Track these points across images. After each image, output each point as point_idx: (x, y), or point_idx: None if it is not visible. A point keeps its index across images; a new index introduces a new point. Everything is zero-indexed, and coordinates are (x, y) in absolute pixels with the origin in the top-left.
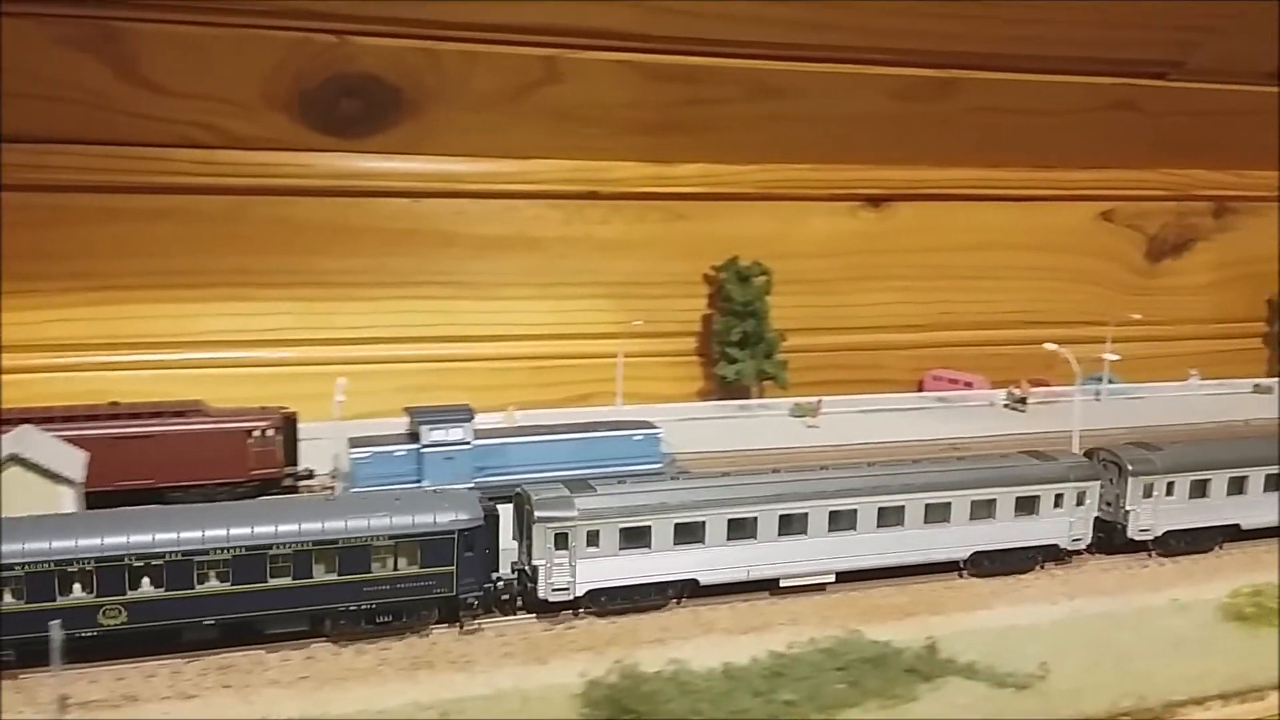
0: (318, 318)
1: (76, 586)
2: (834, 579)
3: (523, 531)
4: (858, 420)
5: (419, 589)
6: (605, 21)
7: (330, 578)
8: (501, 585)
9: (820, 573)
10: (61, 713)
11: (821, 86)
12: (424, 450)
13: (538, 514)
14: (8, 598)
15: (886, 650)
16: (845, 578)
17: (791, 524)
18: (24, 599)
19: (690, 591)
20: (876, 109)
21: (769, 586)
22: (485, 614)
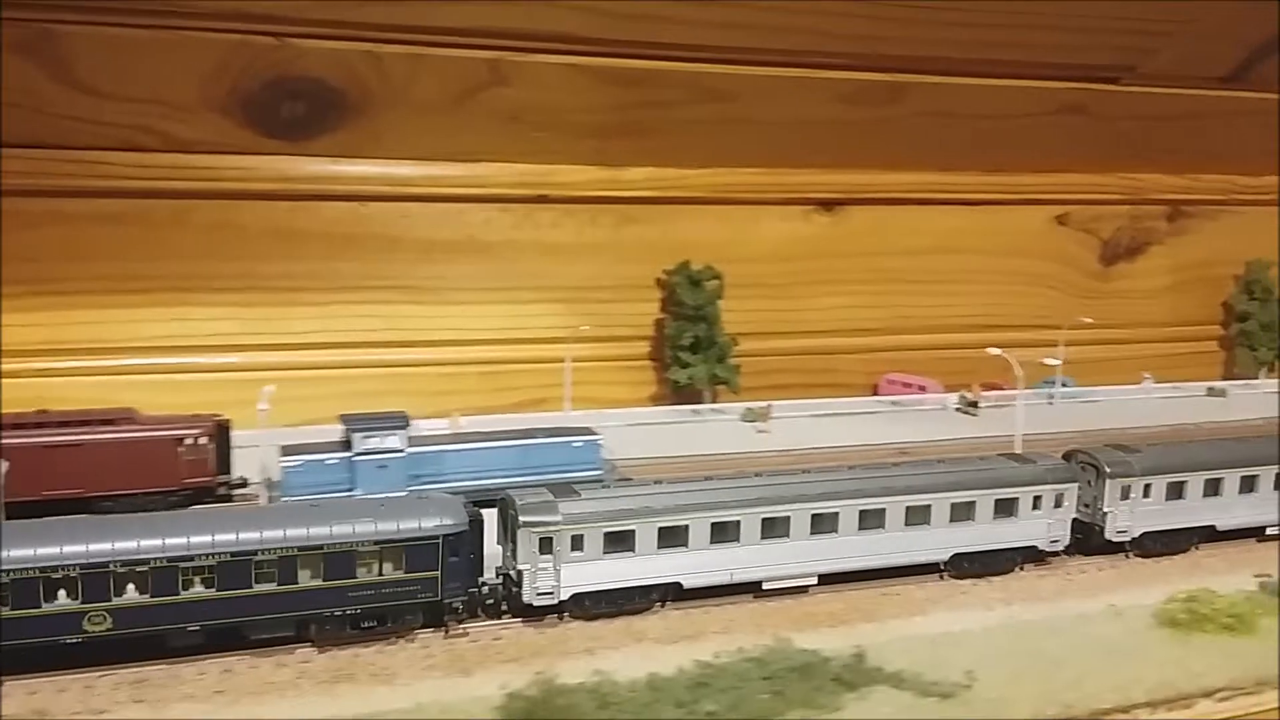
0: (262, 323)
1: (61, 593)
2: (816, 581)
3: (507, 536)
4: (809, 424)
5: (404, 594)
6: (551, 24)
7: (315, 583)
8: (486, 590)
9: (802, 575)
10: None
11: (771, 90)
12: (356, 458)
13: (522, 518)
14: None
15: (814, 659)
16: (827, 580)
17: (774, 527)
18: (8, 605)
19: (674, 595)
20: (827, 113)
21: (752, 589)
22: (470, 618)
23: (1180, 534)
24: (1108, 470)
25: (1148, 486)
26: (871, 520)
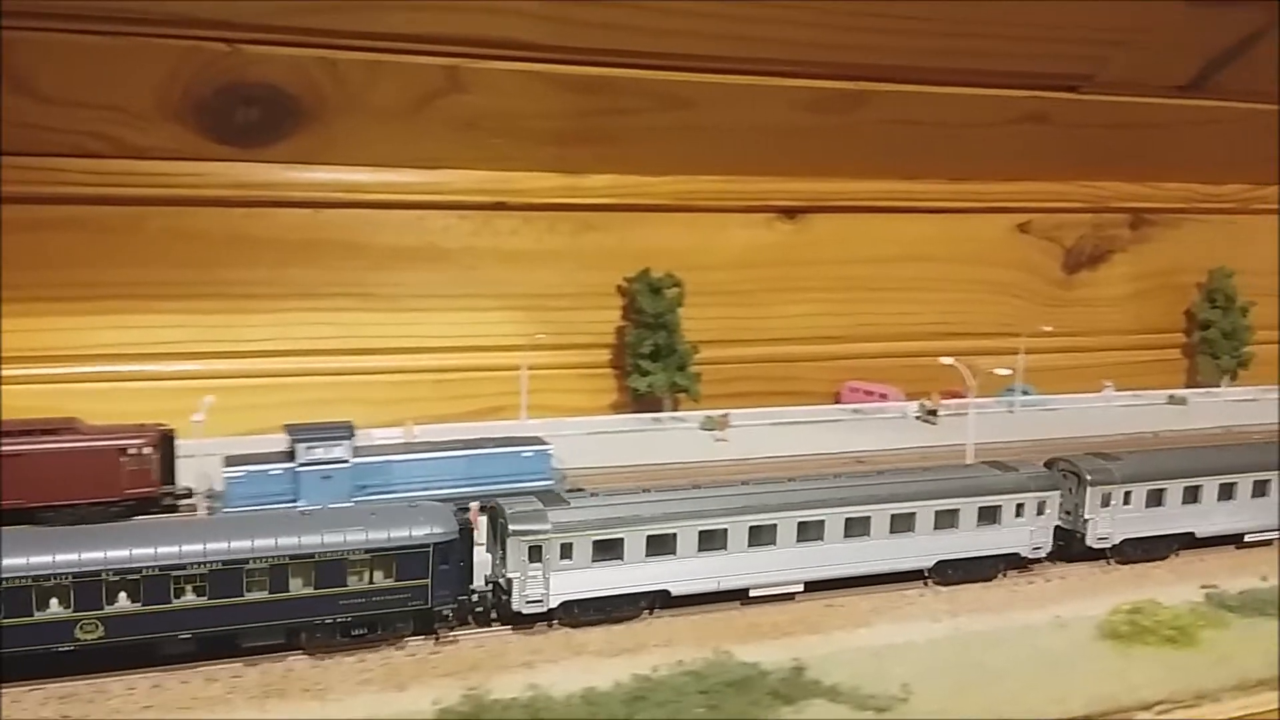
0: (216, 330)
1: (53, 601)
2: (802, 588)
3: (497, 544)
4: (768, 432)
5: (394, 602)
6: (508, 32)
7: (306, 591)
8: (476, 598)
9: (789, 582)
10: None
11: (732, 98)
12: (300, 469)
13: (512, 527)
14: None
15: (753, 672)
16: (813, 587)
17: (761, 535)
18: (1, 614)
19: (662, 602)
20: (788, 121)
21: (739, 596)
22: (460, 626)
23: (1160, 540)
24: (1089, 478)
25: (1128, 494)
26: (857, 528)
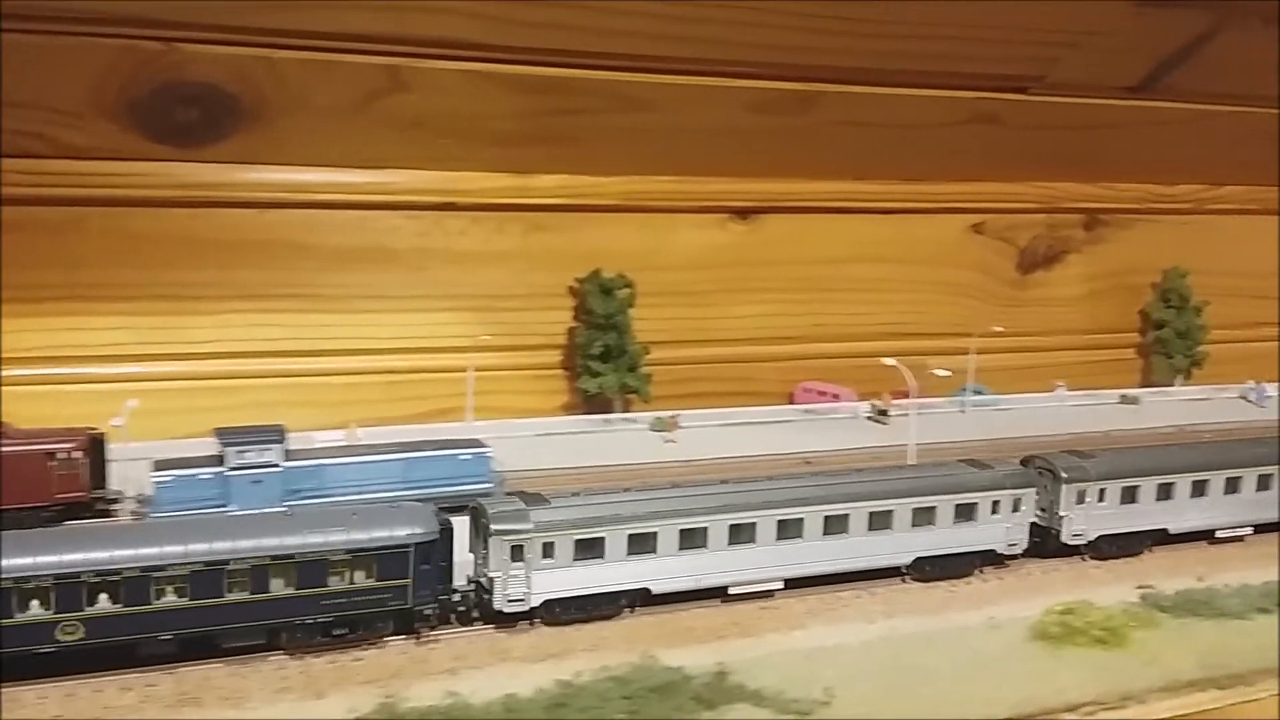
0: (159, 332)
1: (34, 603)
2: (782, 585)
3: (479, 543)
4: (719, 433)
5: (375, 602)
6: (450, 31)
7: (287, 592)
8: (457, 598)
9: (768, 580)
10: None
11: (682, 98)
12: (230, 474)
13: (494, 527)
14: None
15: (677, 677)
16: (793, 584)
17: (741, 533)
18: None
19: (643, 600)
20: (737, 122)
21: (719, 594)
22: (441, 625)
23: (1134, 537)
24: (1064, 475)
25: (1102, 491)
26: (836, 525)
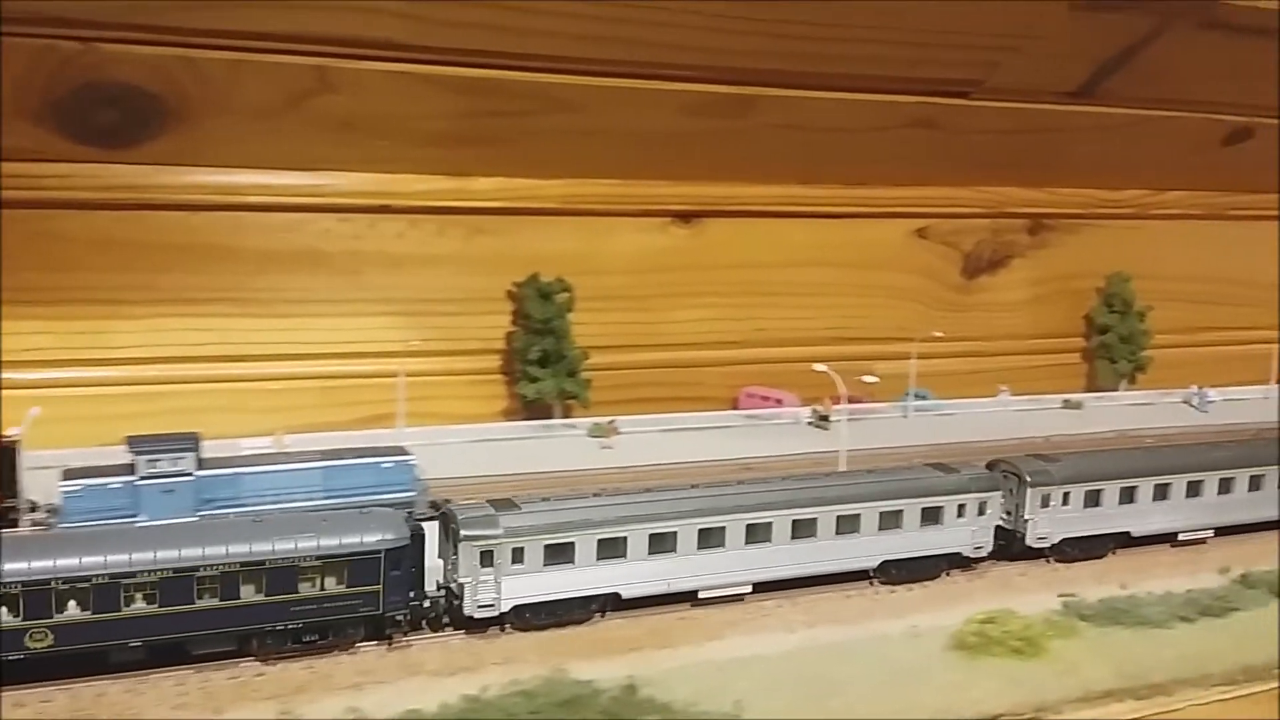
0: (86, 337)
1: (3, 610)
2: (750, 589)
3: (449, 549)
4: (658, 439)
5: (346, 608)
6: (377, 32)
7: (258, 598)
8: (428, 603)
9: (737, 584)
10: None
11: (618, 101)
12: (140, 483)
13: (463, 532)
14: None
15: (585, 690)
16: (761, 588)
17: (710, 537)
18: None
19: (613, 605)
20: (675, 125)
21: (689, 598)
22: (412, 631)
23: (1097, 540)
24: (1028, 479)
25: (1066, 494)
26: (804, 530)
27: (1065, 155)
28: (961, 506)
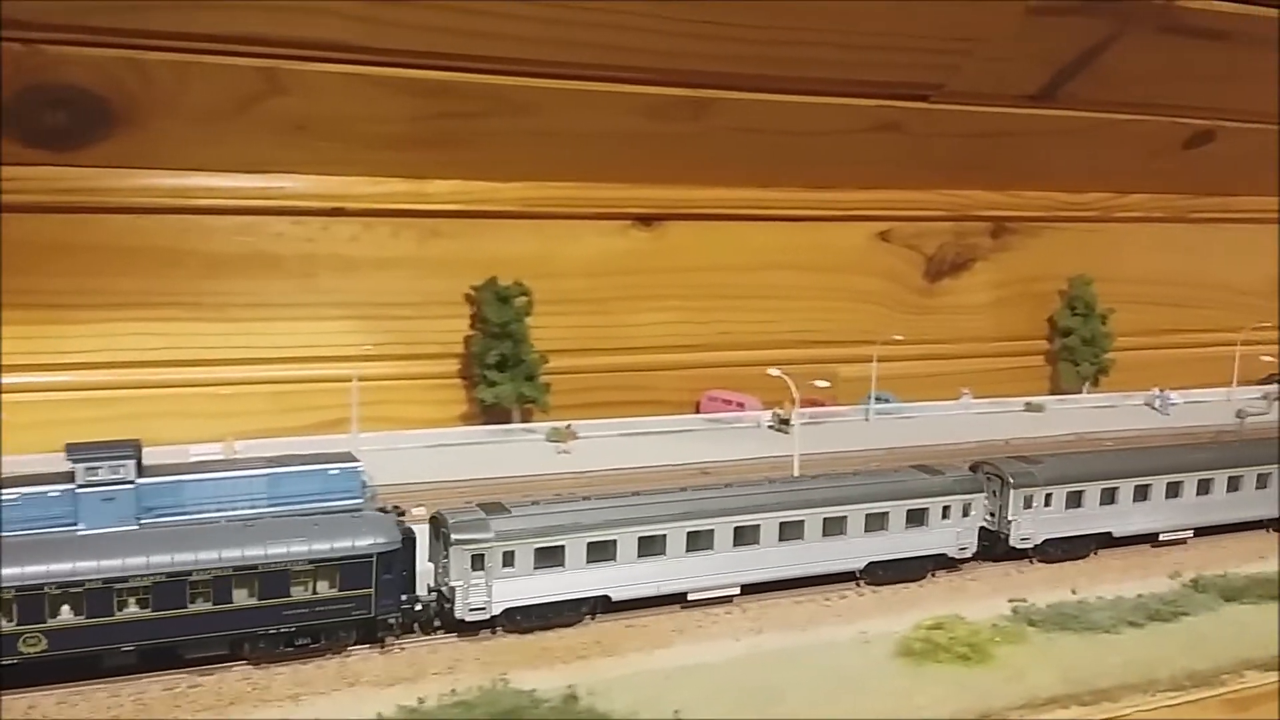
0: (34, 342)
1: None
2: (739, 591)
3: (439, 553)
4: (617, 444)
5: (338, 611)
6: (327, 33)
7: (250, 602)
8: (419, 607)
9: (726, 585)
10: None
11: (574, 103)
12: (79, 491)
13: (454, 536)
14: None
15: (525, 701)
16: (749, 590)
17: (699, 540)
18: None
19: (603, 607)
20: (632, 127)
21: (678, 600)
22: (404, 634)
23: (1080, 540)
24: (1012, 480)
25: (1049, 495)
26: (791, 532)
27: (1027, 158)
28: (946, 508)
